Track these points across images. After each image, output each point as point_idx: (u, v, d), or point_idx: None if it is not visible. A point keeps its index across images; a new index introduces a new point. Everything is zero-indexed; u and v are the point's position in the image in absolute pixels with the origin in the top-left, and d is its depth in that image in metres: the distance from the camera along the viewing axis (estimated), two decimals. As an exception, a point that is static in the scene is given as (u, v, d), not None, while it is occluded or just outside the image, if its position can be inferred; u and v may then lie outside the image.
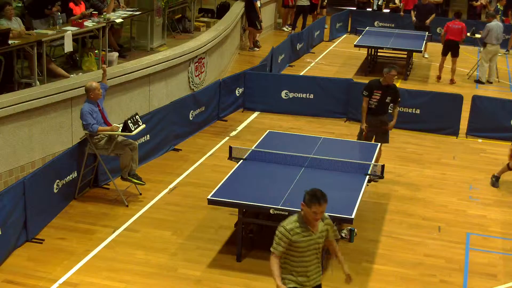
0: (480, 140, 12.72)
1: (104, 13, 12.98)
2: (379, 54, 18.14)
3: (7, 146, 9.35)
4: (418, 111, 13.08)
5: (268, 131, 10.42)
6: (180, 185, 10.25)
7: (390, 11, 22.97)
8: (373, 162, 9.09)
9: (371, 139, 10.46)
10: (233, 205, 7.95)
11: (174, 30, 16.43)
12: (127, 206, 9.43)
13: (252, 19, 18.85)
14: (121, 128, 9.37)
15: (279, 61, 16.55)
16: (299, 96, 13.83)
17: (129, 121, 9.33)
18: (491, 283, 7.93)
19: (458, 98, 12.96)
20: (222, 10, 18.60)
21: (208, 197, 7.89)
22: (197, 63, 13.95)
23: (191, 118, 12.25)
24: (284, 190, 8.09)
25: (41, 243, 8.31)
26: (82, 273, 7.68)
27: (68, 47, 11.63)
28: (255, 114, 13.82)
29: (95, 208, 9.33)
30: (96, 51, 12.54)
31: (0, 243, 7.70)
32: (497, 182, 10.68)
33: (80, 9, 12.84)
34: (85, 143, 9.44)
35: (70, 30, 11.68)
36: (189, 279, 7.67)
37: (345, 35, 22.34)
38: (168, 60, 12.67)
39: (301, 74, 16.68)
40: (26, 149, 9.69)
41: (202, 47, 14.08)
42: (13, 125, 9.41)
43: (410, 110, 13.10)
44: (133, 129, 9.35)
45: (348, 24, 22.82)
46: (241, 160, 9.01)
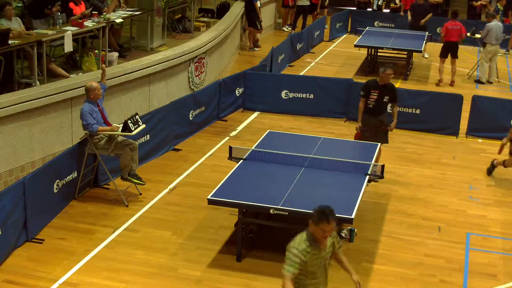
0: (480, 140, 12.72)
1: (104, 13, 12.99)
2: (379, 54, 18.13)
3: (7, 146, 9.35)
4: (418, 111, 13.08)
5: (268, 131, 10.42)
6: (180, 185, 10.25)
7: (390, 11, 22.98)
8: (373, 162, 9.09)
9: (369, 139, 10.48)
10: (233, 205, 7.95)
11: (174, 30, 16.43)
12: (127, 206, 9.43)
13: (252, 19, 18.85)
14: (121, 128, 9.37)
15: (279, 61, 16.55)
16: (299, 96, 13.83)
17: (129, 121, 9.33)
18: (491, 283, 7.94)
19: (458, 98, 12.96)
20: (222, 10, 18.60)
21: (208, 197, 7.89)
22: (197, 63, 13.96)
23: (191, 118, 12.25)
24: (284, 190, 8.09)
25: (41, 243, 8.31)
26: (82, 273, 7.68)
27: (68, 47, 11.63)
28: (255, 114, 13.82)
29: (95, 208, 9.33)
30: (96, 51, 12.55)
31: (0, 243, 7.70)
32: (492, 170, 11.05)
33: (80, 9, 12.85)
34: (85, 143, 9.45)
35: (70, 30, 11.68)
36: (189, 279, 7.67)
37: (345, 35, 22.34)
38: (168, 60, 12.68)
39: (301, 74, 16.68)
40: (26, 149, 9.69)
41: (202, 47, 14.08)
42: (13, 125, 9.41)
43: (410, 110, 13.10)
44: (133, 129, 9.35)
45: (348, 24, 22.82)
46: (241, 160, 9.01)
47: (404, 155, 11.86)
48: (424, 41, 17.72)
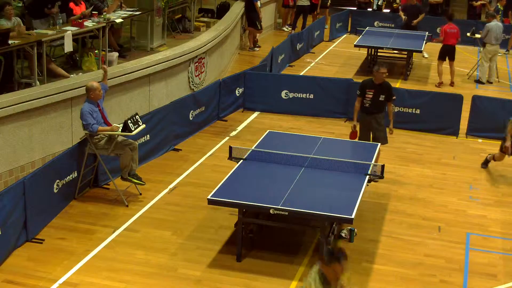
0: (480, 140, 12.72)
1: (104, 13, 12.98)
2: (379, 54, 18.13)
3: (7, 146, 9.35)
4: (418, 111, 13.08)
5: (268, 131, 10.42)
6: (180, 185, 10.24)
7: (390, 11, 22.98)
8: (373, 162, 9.09)
9: (367, 138, 10.51)
10: (233, 205, 7.95)
11: (174, 30, 16.43)
12: (127, 206, 9.43)
13: (252, 19, 18.84)
14: (121, 128, 9.37)
15: (279, 61, 16.55)
16: (299, 96, 13.83)
17: (129, 121, 9.33)
18: (491, 283, 7.93)
19: (458, 98, 12.96)
20: (222, 10, 18.60)
21: (208, 197, 7.88)
22: (197, 63, 13.95)
23: (191, 118, 12.25)
24: (284, 190, 8.08)
25: (41, 243, 8.31)
26: (82, 273, 7.68)
27: (68, 47, 11.63)
28: (255, 114, 13.82)
29: (95, 208, 9.33)
30: (96, 51, 12.55)
31: (0, 243, 7.70)
32: (486, 164, 11.38)
33: (80, 9, 12.84)
34: (85, 143, 9.45)
35: (70, 30, 11.68)
36: (189, 279, 7.66)
37: (345, 35, 22.34)
38: (168, 60, 12.67)
39: (301, 74, 16.68)
40: (26, 149, 9.69)
41: (202, 47, 14.08)
42: (13, 125, 9.41)
43: (410, 110, 13.10)
44: (133, 129, 9.35)
45: (348, 24, 22.81)
46: (241, 160, 9.01)
47: (404, 155, 11.86)
48: (424, 41, 17.73)
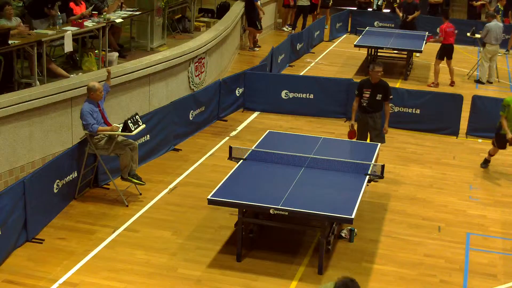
0: (480, 140, 12.72)
1: (104, 13, 12.98)
2: (379, 54, 18.13)
3: (7, 146, 9.35)
4: (418, 111, 13.08)
5: (268, 131, 10.42)
6: (180, 185, 10.24)
7: (390, 11, 22.97)
8: (373, 162, 9.09)
9: (364, 137, 10.52)
10: (233, 205, 7.95)
11: (174, 30, 16.43)
12: (127, 206, 9.43)
13: (252, 19, 18.84)
14: (121, 128, 9.37)
15: (279, 61, 16.55)
16: (299, 96, 13.83)
17: (129, 121, 9.33)
18: (491, 283, 7.93)
19: (458, 98, 12.96)
20: (222, 10, 18.60)
21: (208, 197, 7.88)
22: (197, 63, 13.95)
23: (191, 118, 12.25)
24: (284, 190, 8.08)
25: (41, 243, 8.31)
26: (82, 273, 7.68)
27: (68, 47, 11.63)
28: (255, 114, 13.82)
29: (95, 208, 9.33)
30: (96, 51, 12.55)
31: (0, 243, 7.70)
32: (486, 164, 11.44)
33: (80, 9, 12.84)
34: (85, 143, 9.44)
35: (70, 30, 11.68)
36: (189, 279, 7.66)
37: (345, 35, 22.34)
38: (168, 60, 12.67)
39: (301, 74, 16.68)
40: (26, 149, 9.69)
41: (202, 47, 14.08)
42: (13, 125, 9.41)
43: (410, 110, 13.10)
44: (133, 129, 9.35)
45: (348, 24, 22.82)
46: (241, 160, 9.01)
47: (404, 155, 11.86)
48: (424, 41, 17.73)
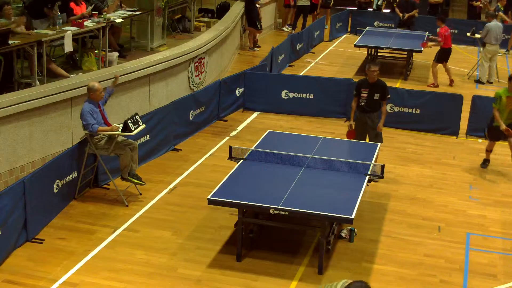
0: (480, 140, 12.71)
1: (104, 13, 12.98)
2: (379, 54, 18.13)
3: (7, 146, 9.35)
4: (418, 111, 13.08)
5: (268, 131, 10.42)
6: (180, 185, 10.24)
7: (390, 11, 22.98)
8: (373, 162, 9.09)
9: (361, 137, 10.52)
10: (233, 205, 7.95)
11: (174, 30, 16.43)
12: (127, 206, 9.43)
13: (252, 19, 18.84)
14: (121, 128, 9.37)
15: (279, 61, 16.55)
16: (299, 96, 13.83)
17: (129, 121, 9.33)
18: (491, 283, 7.93)
19: (458, 98, 12.96)
20: (222, 10, 18.60)
21: (208, 197, 7.88)
22: (197, 63, 13.95)
23: (191, 118, 12.25)
24: (284, 190, 8.08)
25: (41, 243, 8.31)
26: (82, 273, 7.68)
27: (68, 47, 11.63)
28: (255, 114, 13.82)
29: (95, 208, 9.33)
30: (96, 51, 12.55)
31: (0, 243, 7.69)
32: (486, 164, 11.49)
33: (81, 9, 12.84)
34: (85, 143, 9.44)
35: (70, 30, 11.68)
36: (189, 279, 7.66)
37: (345, 35, 22.35)
38: (168, 60, 12.67)
39: (301, 74, 16.68)
40: (26, 149, 9.69)
41: (202, 47, 14.08)
42: (13, 125, 9.41)
43: (410, 110, 13.11)
44: (133, 129, 9.35)
45: (348, 24, 22.82)
46: (241, 160, 9.01)
47: (404, 155, 11.86)
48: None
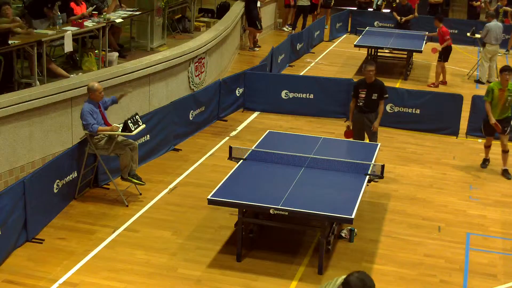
0: (479, 140, 12.71)
1: (104, 13, 12.99)
2: (379, 54, 18.14)
3: (7, 146, 9.35)
4: (418, 111, 13.08)
5: (268, 131, 10.42)
6: (180, 185, 10.24)
7: (390, 11, 22.98)
8: (373, 162, 9.09)
9: (359, 137, 10.52)
10: (233, 205, 7.94)
11: (174, 30, 16.44)
12: (127, 206, 9.43)
13: (252, 19, 18.83)
14: (121, 128, 9.37)
15: (279, 61, 16.55)
16: (299, 96, 13.83)
17: (129, 121, 9.33)
18: (491, 283, 7.93)
19: (458, 98, 12.96)
20: (222, 10, 18.61)
21: (208, 197, 7.88)
22: (197, 63, 13.95)
23: (191, 118, 12.25)
24: (284, 190, 8.08)
25: (41, 243, 8.31)
26: (82, 273, 7.68)
27: (68, 47, 11.63)
28: (255, 114, 13.82)
29: (95, 208, 9.33)
30: (96, 51, 12.55)
31: (0, 243, 7.69)
32: (485, 162, 11.51)
33: (81, 10, 12.85)
34: (85, 143, 9.44)
35: (70, 30, 11.68)
36: (189, 279, 7.66)
37: (345, 35, 22.35)
38: (168, 60, 12.67)
39: (301, 74, 16.68)
40: (26, 149, 9.69)
41: (202, 47, 14.08)
42: (13, 125, 9.41)
43: (410, 110, 13.11)
44: (133, 129, 9.35)
45: (348, 24, 22.82)
46: (241, 160, 9.01)
47: (404, 155, 11.86)
48: (424, 41, 17.73)
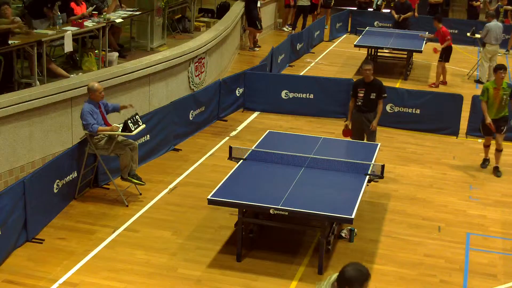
0: (479, 140, 12.70)
1: (104, 13, 12.99)
2: (379, 54, 18.14)
3: (7, 146, 9.35)
4: (418, 111, 13.08)
5: (268, 131, 10.42)
6: (180, 185, 10.24)
7: (390, 11, 22.97)
8: (373, 162, 9.09)
9: (358, 137, 10.53)
10: (233, 205, 7.95)
11: (174, 30, 16.44)
12: (127, 206, 9.43)
13: (252, 19, 18.84)
14: (121, 128, 9.37)
15: (279, 61, 16.55)
16: (299, 96, 13.83)
17: (129, 121, 9.33)
18: (491, 283, 7.93)
19: (458, 98, 12.97)
20: (222, 10, 18.61)
21: (208, 197, 7.88)
22: (197, 63, 13.96)
23: (191, 118, 12.25)
24: (284, 190, 8.08)
25: (41, 243, 8.31)
26: (82, 273, 7.68)
27: (68, 47, 11.63)
28: (255, 114, 13.82)
29: (95, 208, 9.33)
30: (96, 51, 12.55)
31: (0, 243, 7.69)
32: (485, 163, 11.49)
33: (81, 10, 12.85)
34: (85, 143, 9.44)
35: (70, 30, 11.68)
36: (189, 279, 7.66)
37: (345, 35, 22.35)
38: (168, 60, 12.67)
39: (301, 74, 16.69)
40: (26, 149, 9.69)
41: (202, 47, 14.08)
42: (13, 125, 9.41)
43: (410, 110, 13.11)
44: (133, 129, 9.35)
45: (348, 24, 22.82)
46: (241, 160, 9.01)
47: (404, 155, 11.86)
48: (424, 41, 17.73)
